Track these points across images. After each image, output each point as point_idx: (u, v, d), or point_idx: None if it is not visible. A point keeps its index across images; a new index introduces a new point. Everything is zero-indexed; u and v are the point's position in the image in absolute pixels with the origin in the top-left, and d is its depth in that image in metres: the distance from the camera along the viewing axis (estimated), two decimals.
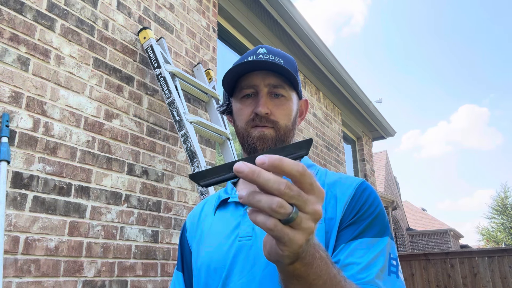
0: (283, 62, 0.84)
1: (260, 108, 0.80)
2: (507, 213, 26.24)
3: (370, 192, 0.80)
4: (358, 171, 6.75)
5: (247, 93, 0.84)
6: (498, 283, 6.45)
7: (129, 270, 2.11)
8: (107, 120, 2.18)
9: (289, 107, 0.84)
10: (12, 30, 1.80)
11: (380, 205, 0.80)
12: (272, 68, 0.81)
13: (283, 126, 0.83)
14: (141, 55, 2.50)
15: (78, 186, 1.95)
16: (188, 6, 3.04)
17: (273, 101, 0.83)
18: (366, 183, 0.84)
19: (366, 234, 0.73)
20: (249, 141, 0.83)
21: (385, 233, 0.76)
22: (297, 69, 0.89)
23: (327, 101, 5.60)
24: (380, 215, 0.77)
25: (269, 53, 0.85)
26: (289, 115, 0.84)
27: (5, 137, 1.66)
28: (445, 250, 12.71)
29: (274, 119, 0.82)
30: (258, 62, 0.80)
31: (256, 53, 0.86)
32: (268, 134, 0.82)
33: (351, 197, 0.78)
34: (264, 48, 0.86)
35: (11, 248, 1.63)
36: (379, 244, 0.73)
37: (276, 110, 0.83)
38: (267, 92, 0.83)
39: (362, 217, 0.75)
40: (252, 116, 0.82)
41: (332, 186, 0.81)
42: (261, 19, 4.02)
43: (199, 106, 2.88)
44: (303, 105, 0.93)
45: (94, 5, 2.24)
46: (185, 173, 2.64)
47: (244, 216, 0.81)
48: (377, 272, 0.68)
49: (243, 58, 0.87)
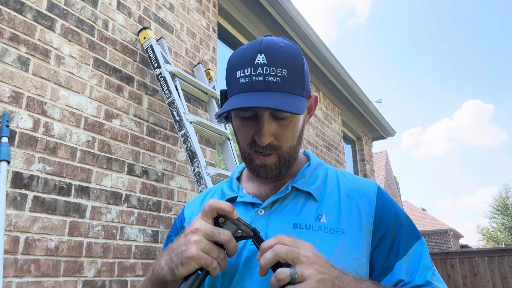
0: (287, 73, 0.73)
1: (262, 138, 0.74)
2: (508, 213, 26.22)
3: (389, 198, 0.83)
4: (358, 171, 6.75)
5: (246, 116, 0.77)
6: (498, 283, 6.44)
7: (129, 270, 2.11)
8: (107, 120, 2.18)
9: (294, 126, 0.77)
10: (12, 30, 1.80)
11: (399, 207, 0.83)
12: (274, 108, 0.70)
13: (287, 149, 0.78)
14: (141, 55, 2.50)
15: (78, 186, 1.95)
16: (188, 6, 3.04)
17: (276, 122, 0.76)
18: (380, 187, 0.85)
19: (408, 246, 0.78)
20: (251, 167, 0.80)
21: (418, 234, 0.81)
22: (303, 68, 0.77)
23: (327, 101, 5.60)
24: (407, 219, 0.82)
25: (269, 64, 0.72)
26: (294, 134, 0.78)
27: (5, 137, 1.66)
28: (445, 250, 12.71)
29: (277, 144, 0.77)
30: (257, 101, 0.70)
31: (254, 65, 0.73)
32: (271, 162, 0.78)
33: (375, 207, 0.80)
34: (263, 55, 0.73)
35: (11, 248, 1.63)
36: (421, 248, 0.79)
37: (280, 132, 0.76)
38: (268, 115, 0.75)
39: (396, 230, 0.79)
40: (252, 141, 0.77)
41: (350, 195, 0.82)
42: (261, 19, 4.02)
43: (199, 106, 2.88)
44: (313, 102, 0.86)
45: (94, 5, 2.24)
46: (185, 173, 2.64)
47: (256, 218, 0.79)
48: (431, 276, 0.75)
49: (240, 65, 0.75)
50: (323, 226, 0.75)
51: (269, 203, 0.79)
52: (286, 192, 0.80)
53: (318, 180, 0.83)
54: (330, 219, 0.77)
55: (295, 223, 0.76)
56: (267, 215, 0.78)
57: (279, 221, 0.77)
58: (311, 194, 0.80)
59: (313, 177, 0.84)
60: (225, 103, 0.76)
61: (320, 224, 0.76)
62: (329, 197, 0.80)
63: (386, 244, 0.76)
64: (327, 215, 0.77)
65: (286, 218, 0.77)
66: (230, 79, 0.77)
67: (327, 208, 0.78)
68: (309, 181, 0.82)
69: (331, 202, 0.79)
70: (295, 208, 0.79)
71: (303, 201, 0.80)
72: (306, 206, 0.79)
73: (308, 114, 0.86)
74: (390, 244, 0.76)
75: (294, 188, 0.81)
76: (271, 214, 0.79)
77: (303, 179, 0.82)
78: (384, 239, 0.77)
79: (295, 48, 0.77)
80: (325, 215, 0.77)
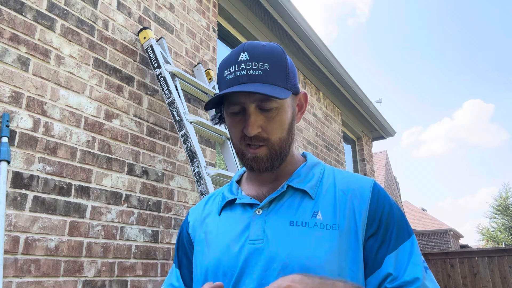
0: (269, 67, 0.77)
1: (249, 129, 0.77)
2: (508, 213, 26.23)
3: (384, 194, 0.84)
4: (358, 171, 6.75)
5: (234, 111, 0.80)
6: (498, 283, 6.45)
7: (129, 270, 2.11)
8: (107, 120, 2.18)
9: (281, 117, 0.80)
10: (12, 30, 1.80)
11: (394, 203, 0.84)
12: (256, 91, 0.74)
13: (277, 141, 0.80)
14: (141, 55, 2.50)
15: (78, 186, 1.95)
16: (188, 6, 3.05)
17: (263, 114, 0.79)
18: (377, 184, 0.86)
19: (399, 241, 0.78)
20: (244, 161, 0.83)
21: (410, 231, 0.81)
22: (286, 65, 0.81)
23: (327, 101, 5.60)
24: (400, 215, 0.82)
25: (251, 59, 0.77)
26: (282, 126, 0.80)
27: (5, 137, 1.66)
28: (445, 250, 12.71)
29: (266, 136, 0.79)
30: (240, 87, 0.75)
31: (237, 61, 0.78)
32: (262, 154, 0.80)
33: (369, 203, 0.80)
34: (246, 52, 0.78)
35: (11, 248, 1.63)
36: (411, 245, 0.79)
37: (267, 125, 0.79)
38: (255, 107, 0.78)
39: (388, 225, 0.79)
40: (243, 135, 0.80)
41: (345, 192, 0.82)
42: (261, 19, 4.02)
43: (199, 106, 2.88)
44: (302, 99, 0.88)
45: (94, 5, 2.24)
46: (185, 173, 2.64)
47: (254, 218, 0.81)
48: (422, 274, 0.75)
49: (226, 64, 0.80)
50: (319, 223, 0.77)
51: (266, 203, 0.82)
52: (282, 190, 0.82)
53: (314, 178, 0.85)
54: (325, 216, 0.78)
55: (292, 220, 0.78)
56: (264, 215, 0.80)
57: (276, 220, 0.79)
58: (307, 193, 0.82)
59: (309, 176, 0.85)
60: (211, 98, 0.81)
61: (316, 220, 0.77)
62: (325, 195, 0.82)
63: (377, 239, 0.78)
64: (322, 212, 0.79)
65: (283, 216, 0.79)
66: (219, 80, 0.82)
67: (323, 205, 0.80)
68: (305, 180, 0.84)
69: (327, 199, 0.81)
70: (291, 206, 0.81)
71: (299, 199, 0.81)
72: (302, 204, 0.81)
73: (299, 112, 0.88)
74: (381, 239, 0.78)
75: (290, 187, 0.83)
76: (268, 213, 0.80)
77: (299, 178, 0.84)
78: (376, 234, 0.78)
79: (277, 47, 0.82)
80: (321, 212, 0.79)
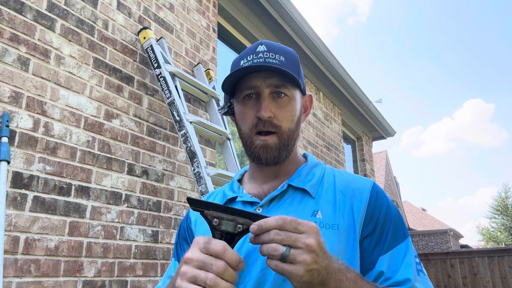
0: (284, 60, 0.82)
1: (263, 112, 0.79)
2: (508, 213, 26.23)
3: (383, 195, 0.84)
4: (358, 171, 6.75)
5: (248, 94, 0.82)
6: (498, 283, 6.45)
7: (129, 270, 2.11)
8: (107, 120, 2.18)
9: (292, 107, 0.83)
10: (12, 30, 1.80)
11: (392, 205, 0.84)
12: (273, 70, 0.80)
13: (286, 130, 0.82)
14: (141, 55, 2.50)
15: (78, 186, 1.95)
16: (188, 6, 3.05)
17: (275, 102, 0.82)
18: (376, 185, 0.86)
19: (395, 243, 0.78)
20: (252, 149, 0.83)
21: (406, 233, 0.82)
22: (299, 64, 0.87)
23: (327, 101, 5.60)
24: (397, 216, 0.82)
25: (269, 51, 0.82)
26: (292, 116, 0.83)
27: (5, 137, 1.66)
28: (445, 250, 12.70)
29: (277, 123, 0.81)
30: (258, 67, 0.79)
31: (255, 52, 0.83)
32: (271, 142, 0.81)
33: (367, 203, 0.81)
34: (264, 45, 0.84)
35: (11, 248, 1.63)
36: (406, 247, 0.79)
37: (279, 112, 0.81)
38: (269, 93, 0.81)
39: (384, 226, 0.79)
40: (255, 121, 0.81)
41: (345, 193, 0.83)
42: (261, 19, 4.02)
43: (199, 106, 2.88)
44: (308, 101, 0.91)
45: (94, 5, 2.24)
46: (185, 173, 2.64)
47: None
48: (414, 276, 0.75)
49: (243, 56, 0.85)
50: (319, 222, 0.78)
51: (266, 201, 0.82)
52: (283, 189, 0.83)
53: (314, 178, 0.86)
54: (325, 215, 0.79)
55: None
56: (264, 213, 0.81)
57: None
58: (307, 192, 0.83)
59: (309, 175, 0.86)
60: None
61: (316, 219, 0.78)
62: (325, 195, 0.83)
63: (373, 239, 0.78)
64: (322, 211, 0.80)
65: (283, 214, 0.79)
66: (235, 69, 0.84)
67: (323, 204, 0.81)
68: (305, 179, 0.85)
69: (327, 199, 0.82)
70: (292, 205, 0.81)
71: (299, 198, 0.82)
72: (303, 202, 0.81)
73: (304, 113, 0.91)
74: (377, 239, 0.78)
75: (290, 186, 0.84)
76: (268, 211, 0.81)
77: (299, 178, 0.85)
78: (372, 234, 0.78)
79: (291, 48, 0.88)
80: (321, 211, 0.79)
